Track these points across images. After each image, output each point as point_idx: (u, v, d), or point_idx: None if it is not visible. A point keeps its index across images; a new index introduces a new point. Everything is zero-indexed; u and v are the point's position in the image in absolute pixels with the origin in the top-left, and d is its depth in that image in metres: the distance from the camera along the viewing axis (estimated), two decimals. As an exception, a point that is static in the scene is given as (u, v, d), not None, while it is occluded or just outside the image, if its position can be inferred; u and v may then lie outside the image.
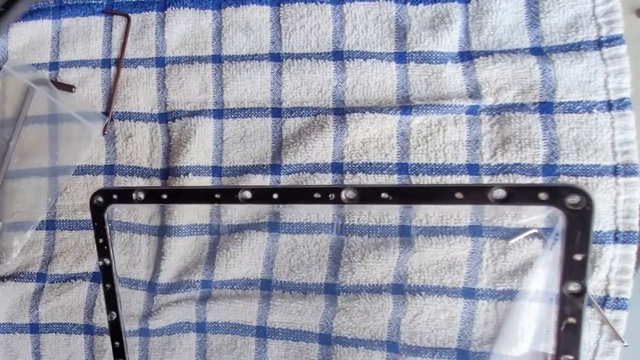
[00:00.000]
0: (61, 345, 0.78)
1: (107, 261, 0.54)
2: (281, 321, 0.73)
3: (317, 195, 0.44)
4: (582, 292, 0.39)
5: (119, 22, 0.80)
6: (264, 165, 0.74)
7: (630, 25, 0.68)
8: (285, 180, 0.73)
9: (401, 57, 0.73)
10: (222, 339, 0.74)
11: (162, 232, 0.76)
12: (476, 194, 0.40)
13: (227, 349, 0.74)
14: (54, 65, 0.81)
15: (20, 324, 0.79)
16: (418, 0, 0.73)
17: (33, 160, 0.79)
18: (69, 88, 0.79)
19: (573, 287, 0.39)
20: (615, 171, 0.66)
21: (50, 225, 0.80)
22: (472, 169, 0.69)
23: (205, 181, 0.75)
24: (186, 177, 0.75)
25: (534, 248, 0.67)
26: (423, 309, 0.69)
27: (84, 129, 0.77)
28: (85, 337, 0.78)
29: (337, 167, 0.72)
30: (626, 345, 0.65)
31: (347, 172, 0.72)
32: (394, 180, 0.71)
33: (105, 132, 0.78)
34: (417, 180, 0.70)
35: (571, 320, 0.40)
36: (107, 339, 0.76)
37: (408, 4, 0.73)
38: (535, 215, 0.66)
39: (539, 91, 0.68)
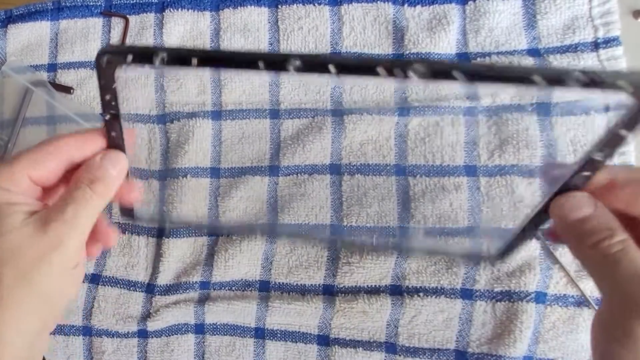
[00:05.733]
0: (60, 347, 0.78)
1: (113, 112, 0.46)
2: (280, 322, 0.73)
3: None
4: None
5: (117, 23, 0.80)
6: (262, 166, 0.74)
7: (628, 27, 0.68)
8: (284, 182, 0.73)
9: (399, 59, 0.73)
10: (220, 340, 0.75)
11: (161, 233, 0.76)
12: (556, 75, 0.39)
13: (225, 350, 0.74)
14: (52, 67, 0.81)
15: (18, 325, 0.79)
16: (415, 1, 0.73)
17: (31, 161, 0.79)
18: (67, 89, 0.79)
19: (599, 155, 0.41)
20: (612, 172, 0.66)
21: (48, 226, 0.80)
22: (470, 170, 0.69)
23: (204, 183, 0.76)
24: (185, 178, 0.75)
25: (531, 249, 0.67)
26: (421, 310, 0.69)
27: (82, 130, 0.77)
28: (83, 339, 0.78)
29: (335, 169, 0.72)
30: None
31: (345, 174, 0.72)
32: (391, 181, 0.71)
33: (104, 134, 0.78)
34: (415, 181, 0.70)
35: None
36: (106, 341, 0.76)
37: (405, 5, 0.74)
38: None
39: (536, 92, 0.68)
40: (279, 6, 0.77)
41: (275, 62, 0.42)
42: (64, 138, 0.48)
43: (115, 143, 0.48)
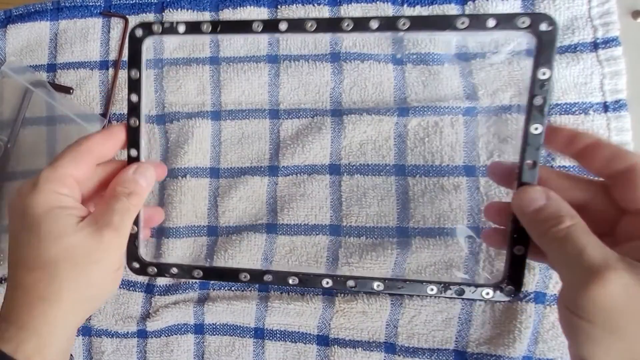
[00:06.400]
0: (59, 346, 0.78)
1: (135, 97, 0.58)
2: (279, 322, 0.73)
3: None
4: (544, 104, 0.51)
5: (117, 24, 0.80)
6: (261, 166, 0.75)
7: (626, 27, 0.68)
8: (284, 182, 0.74)
9: (398, 59, 0.73)
10: (220, 340, 0.75)
11: (160, 233, 0.76)
12: (476, 21, 0.52)
13: (225, 350, 0.74)
14: (51, 67, 0.81)
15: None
16: (415, 2, 0.73)
17: (31, 162, 0.79)
18: (66, 90, 0.79)
19: (538, 100, 0.52)
20: (611, 172, 0.66)
21: (48, 226, 0.80)
22: (469, 170, 0.69)
23: (203, 183, 0.76)
24: (184, 178, 0.75)
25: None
26: (421, 310, 0.69)
27: (82, 130, 0.77)
28: (83, 339, 0.78)
29: (334, 169, 0.73)
30: None
31: (345, 174, 0.72)
32: (391, 182, 0.71)
33: (104, 134, 0.78)
34: (414, 182, 0.71)
35: (535, 126, 0.52)
36: (105, 341, 0.77)
37: (405, 5, 0.74)
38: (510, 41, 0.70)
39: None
40: (279, 6, 0.77)
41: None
42: (91, 137, 0.56)
43: (133, 136, 0.58)
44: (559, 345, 0.65)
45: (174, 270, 0.61)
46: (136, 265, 0.62)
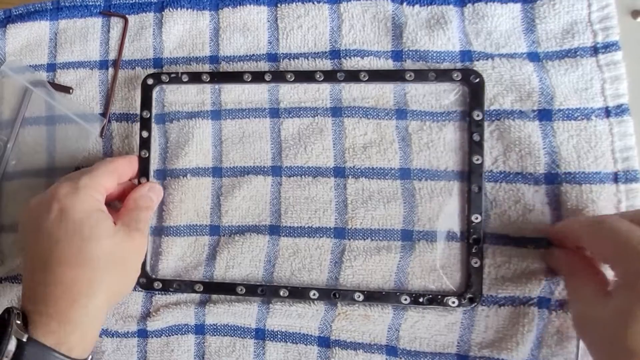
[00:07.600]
0: (59, 347, 0.78)
1: (146, 133, 0.75)
2: (280, 324, 0.73)
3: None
4: (481, 139, 0.68)
5: (116, 23, 0.80)
6: (264, 166, 0.75)
7: (626, 27, 0.68)
8: (288, 183, 0.74)
9: (398, 56, 0.73)
10: (220, 341, 0.75)
11: (160, 232, 0.76)
12: (420, 75, 0.70)
13: (225, 351, 0.75)
14: (51, 67, 0.81)
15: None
16: (414, 1, 0.73)
17: (31, 161, 0.79)
18: (66, 89, 0.79)
19: (476, 136, 0.68)
20: (615, 178, 0.66)
21: (47, 226, 0.79)
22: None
23: (206, 182, 0.76)
24: (185, 178, 0.75)
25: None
26: (424, 315, 0.69)
27: (81, 130, 0.77)
28: (83, 339, 0.78)
29: (339, 172, 0.73)
30: None
31: (350, 177, 0.73)
32: (397, 185, 0.72)
33: (103, 134, 0.78)
34: (420, 185, 0.71)
35: (476, 157, 0.68)
36: (105, 340, 0.77)
37: (404, 4, 0.73)
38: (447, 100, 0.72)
39: (537, 98, 0.68)
40: (278, 5, 0.77)
41: None
42: (118, 158, 0.72)
43: (144, 164, 0.74)
44: (563, 350, 0.66)
45: (177, 285, 0.74)
46: (143, 280, 0.74)
